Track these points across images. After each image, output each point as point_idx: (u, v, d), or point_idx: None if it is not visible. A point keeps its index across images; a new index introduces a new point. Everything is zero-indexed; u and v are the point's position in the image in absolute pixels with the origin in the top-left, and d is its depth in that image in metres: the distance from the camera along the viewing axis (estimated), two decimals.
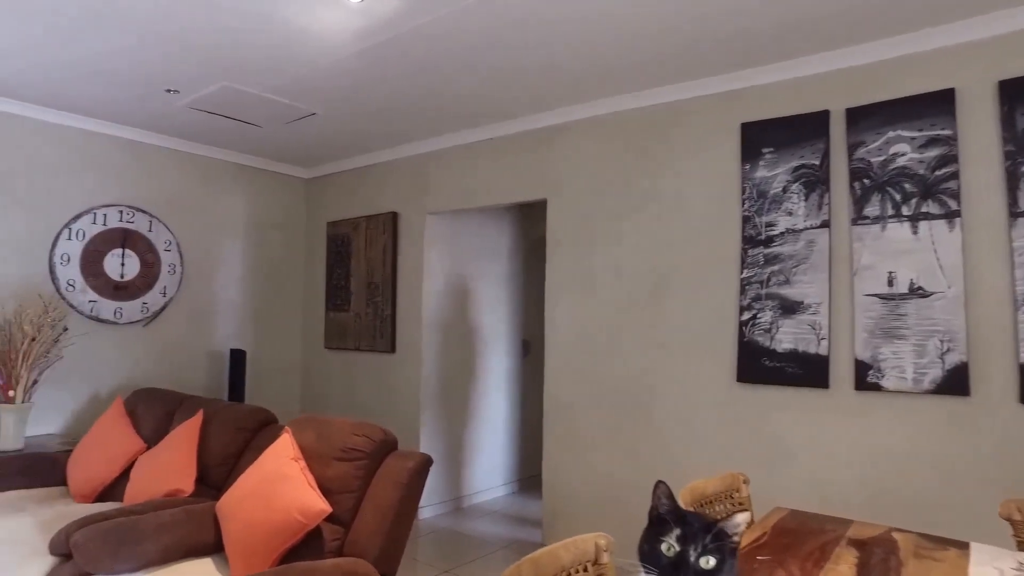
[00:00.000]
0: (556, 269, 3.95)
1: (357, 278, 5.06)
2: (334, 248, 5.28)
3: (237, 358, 4.77)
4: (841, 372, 2.95)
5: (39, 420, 4.06)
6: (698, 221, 3.40)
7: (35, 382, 3.81)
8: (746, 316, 3.21)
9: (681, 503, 1.30)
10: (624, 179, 3.68)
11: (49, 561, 2.36)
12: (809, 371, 3.02)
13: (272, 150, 4.97)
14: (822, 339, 3.00)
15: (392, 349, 4.77)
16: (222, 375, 4.98)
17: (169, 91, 3.70)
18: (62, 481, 3.40)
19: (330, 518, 2.36)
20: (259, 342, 5.25)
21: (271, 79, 3.50)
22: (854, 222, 2.97)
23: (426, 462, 2.47)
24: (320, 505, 2.23)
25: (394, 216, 4.84)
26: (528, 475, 5.47)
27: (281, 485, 2.33)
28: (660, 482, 1.23)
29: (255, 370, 5.18)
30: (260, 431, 3.05)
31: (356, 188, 5.20)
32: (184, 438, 3.00)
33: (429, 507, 4.61)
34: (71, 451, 3.47)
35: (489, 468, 5.14)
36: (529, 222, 5.59)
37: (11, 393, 3.70)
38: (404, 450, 2.55)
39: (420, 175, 4.74)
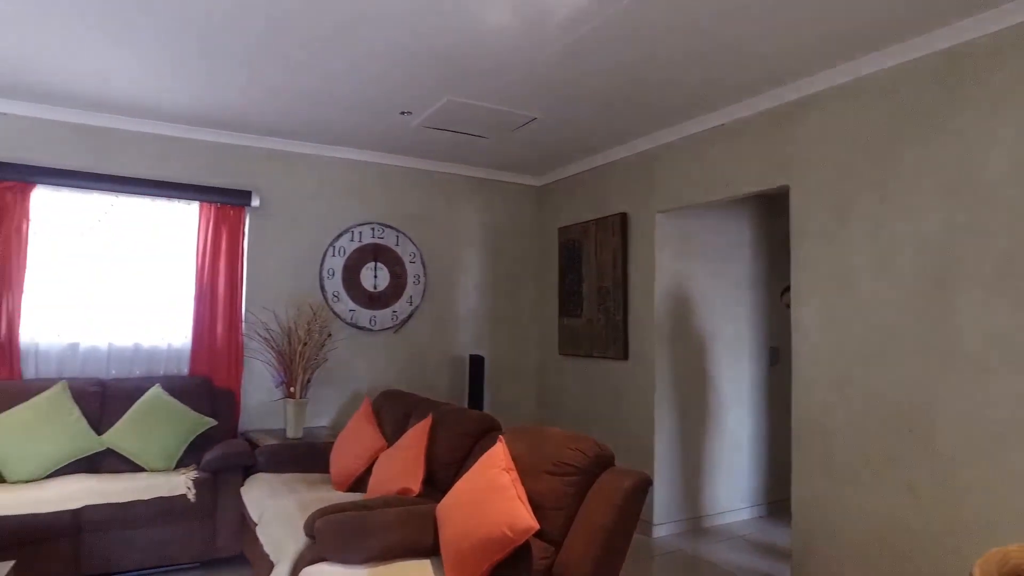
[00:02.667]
0: (803, 265, 3.41)
1: (588, 283, 4.97)
2: (566, 253, 5.26)
3: (476, 363, 4.98)
4: None
5: (314, 414, 4.66)
6: (1002, 197, 2.65)
7: (309, 380, 4.36)
8: None
9: None
10: (889, 152, 3.03)
11: (304, 540, 2.61)
12: None
13: (502, 161, 5.12)
14: None
15: (624, 356, 4.57)
16: (463, 380, 5.24)
17: (403, 113, 3.98)
18: (327, 468, 3.81)
19: (540, 535, 2.26)
20: (497, 348, 5.43)
21: (489, 88, 3.56)
22: None
23: (644, 482, 2.23)
24: (528, 521, 2.13)
25: (623, 217, 4.65)
26: (778, 498, 4.85)
27: (491, 496, 2.28)
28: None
29: (494, 375, 5.37)
30: (484, 437, 3.07)
31: (584, 192, 5.12)
32: (415, 440, 3.14)
33: (664, 525, 4.31)
34: (333, 443, 3.88)
35: (732, 488, 4.66)
36: (772, 215, 4.99)
37: (291, 389, 4.27)
38: (621, 467, 2.34)
39: (647, 172, 4.49)
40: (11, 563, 2.39)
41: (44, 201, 4.00)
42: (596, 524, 2.17)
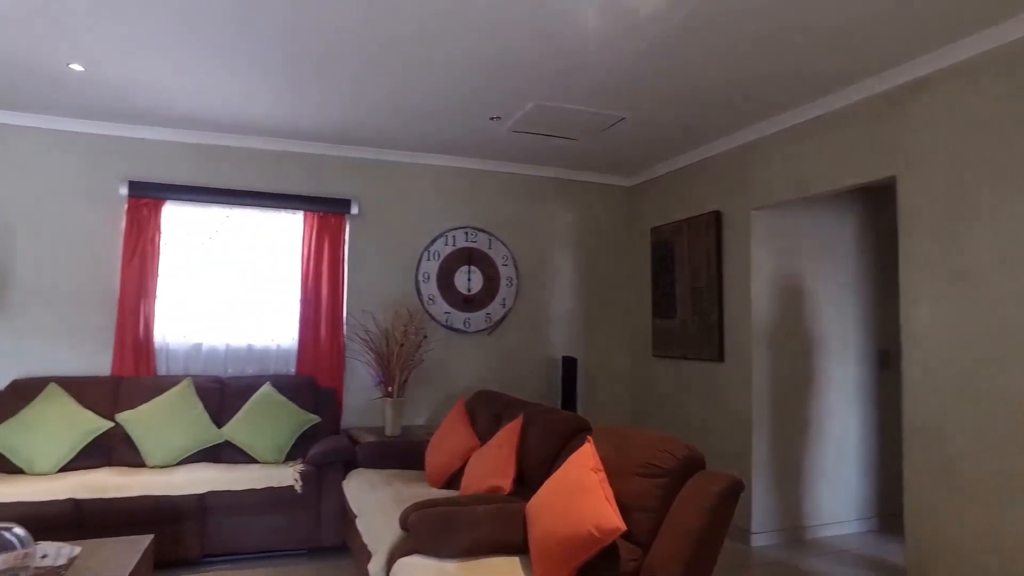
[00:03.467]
0: (913, 261, 3.19)
1: (682, 283, 4.87)
2: (658, 254, 5.17)
3: (569, 365, 5.00)
4: None
5: (411, 413, 4.84)
6: None
7: (406, 380, 4.53)
8: None
9: None
10: (1011, 135, 2.78)
11: (399, 532, 2.72)
12: None
13: (592, 162, 5.11)
14: None
15: (720, 358, 4.44)
16: (556, 381, 5.27)
17: (492, 119, 4.07)
18: (422, 465, 3.95)
19: (628, 537, 2.25)
20: (590, 349, 5.42)
21: (576, 91, 3.58)
22: None
23: (735, 486, 2.17)
24: (615, 522, 2.12)
25: (716, 216, 4.52)
26: (892, 512, 4.54)
27: (579, 496, 2.29)
28: None
29: (586, 377, 5.36)
30: (573, 438, 3.08)
31: (676, 191, 5.02)
32: (506, 439, 3.20)
33: (763, 534, 4.14)
34: (428, 441, 4.01)
35: (837, 498, 4.41)
36: (878, 208, 4.69)
37: (389, 389, 4.46)
38: (711, 471, 2.29)
39: (740, 168, 4.34)
40: (151, 536, 2.65)
41: (171, 215, 4.40)
42: (685, 528, 2.13)
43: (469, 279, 5.04)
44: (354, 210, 4.69)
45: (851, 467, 4.46)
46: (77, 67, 3.36)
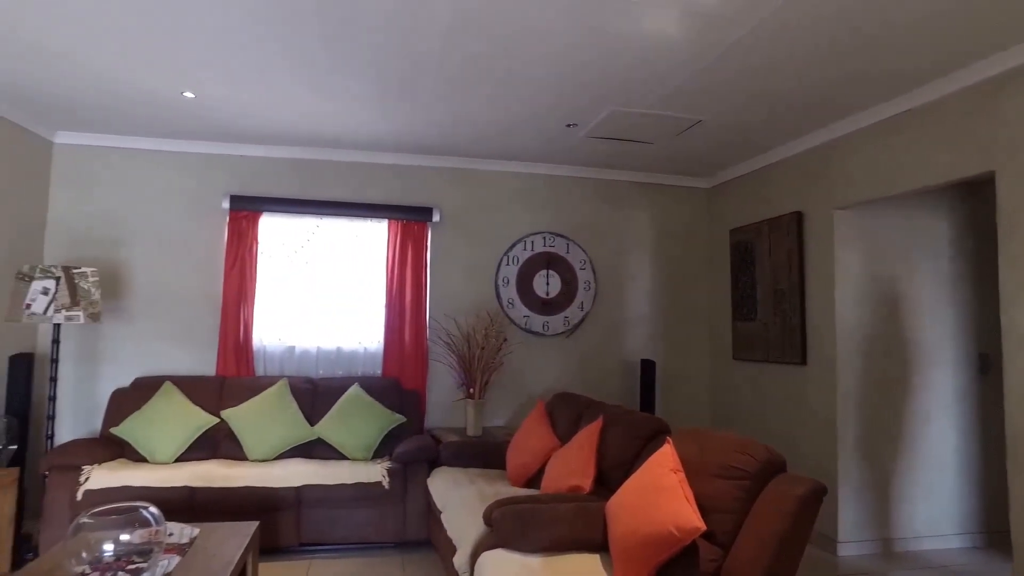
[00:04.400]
0: (1014, 261, 3.04)
1: (762, 285, 4.79)
2: (737, 256, 5.10)
3: (647, 368, 5.00)
4: None
5: (491, 414, 4.97)
6: None
7: (487, 382, 4.66)
8: None
9: None
10: None
11: (483, 527, 2.83)
12: None
13: (669, 164, 5.10)
14: None
15: (803, 360, 4.34)
16: (634, 384, 5.27)
17: (569, 126, 4.15)
18: (503, 465, 4.06)
19: (708, 537, 2.27)
20: (668, 353, 5.39)
21: (651, 96, 3.61)
22: None
23: (818, 490, 2.15)
24: (695, 522, 2.15)
25: (798, 216, 4.42)
26: (998, 528, 4.29)
27: (659, 496, 2.33)
28: None
29: (665, 380, 5.35)
30: (653, 439, 3.11)
31: (755, 191, 4.94)
32: (586, 440, 3.26)
33: (850, 544, 4.01)
34: (509, 442, 4.12)
35: (934, 511, 4.20)
36: (973, 205, 4.45)
37: (471, 391, 4.60)
38: (792, 474, 2.28)
39: (822, 168, 4.23)
40: (256, 523, 2.88)
41: (267, 226, 4.72)
42: (766, 530, 2.13)
43: (547, 283, 5.13)
44: (436, 218, 4.88)
45: (949, 478, 4.24)
46: (189, 95, 3.68)
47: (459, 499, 3.33)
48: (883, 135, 3.77)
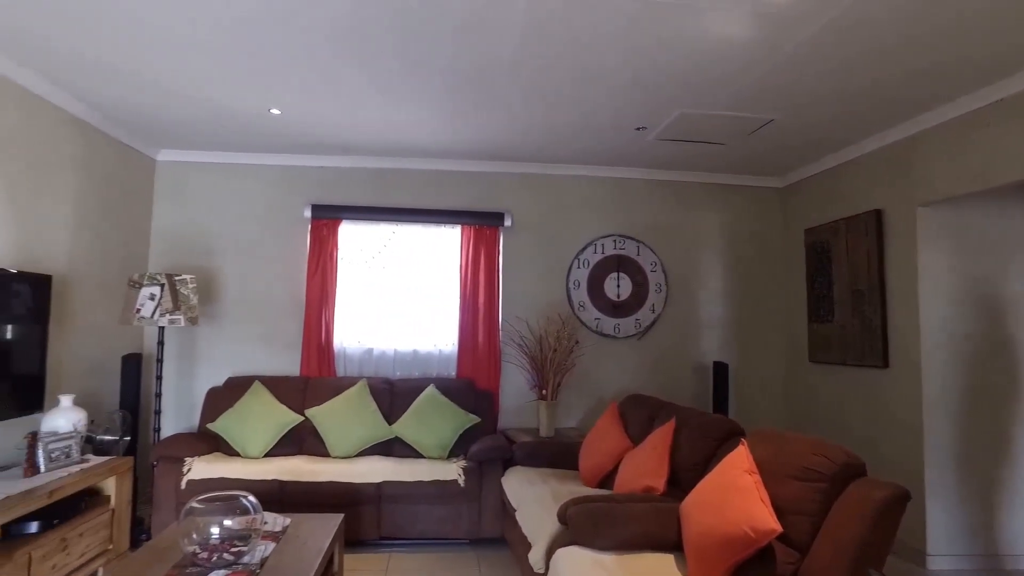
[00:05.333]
0: None
1: (840, 286, 4.66)
2: (813, 256, 4.98)
3: (720, 371, 4.95)
4: None
5: (563, 415, 5.03)
6: None
7: (559, 384, 4.73)
8: None
9: None
10: None
11: (557, 525, 2.90)
12: None
13: (741, 164, 5.03)
14: None
15: (884, 363, 4.20)
16: (706, 387, 5.22)
17: (638, 129, 4.17)
18: (575, 466, 4.12)
19: (784, 540, 2.27)
20: (741, 355, 5.32)
21: (721, 97, 3.60)
22: None
23: (900, 495, 2.12)
24: (771, 524, 2.16)
25: (877, 214, 4.29)
26: None
27: (733, 496, 2.34)
28: None
29: (739, 383, 5.27)
30: (727, 441, 3.10)
31: (831, 190, 4.81)
32: (659, 441, 3.28)
33: (942, 557, 3.85)
34: (581, 443, 4.18)
35: None
36: None
37: (543, 392, 4.68)
38: (873, 478, 2.24)
39: (903, 163, 4.09)
40: (341, 516, 3.05)
41: (346, 233, 4.95)
42: (846, 535, 2.11)
43: (618, 285, 5.16)
44: (507, 222, 4.99)
45: None
46: (275, 111, 3.93)
47: (533, 497, 3.41)
48: (970, 128, 3.62)
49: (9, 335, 3.24)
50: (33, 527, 2.91)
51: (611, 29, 2.84)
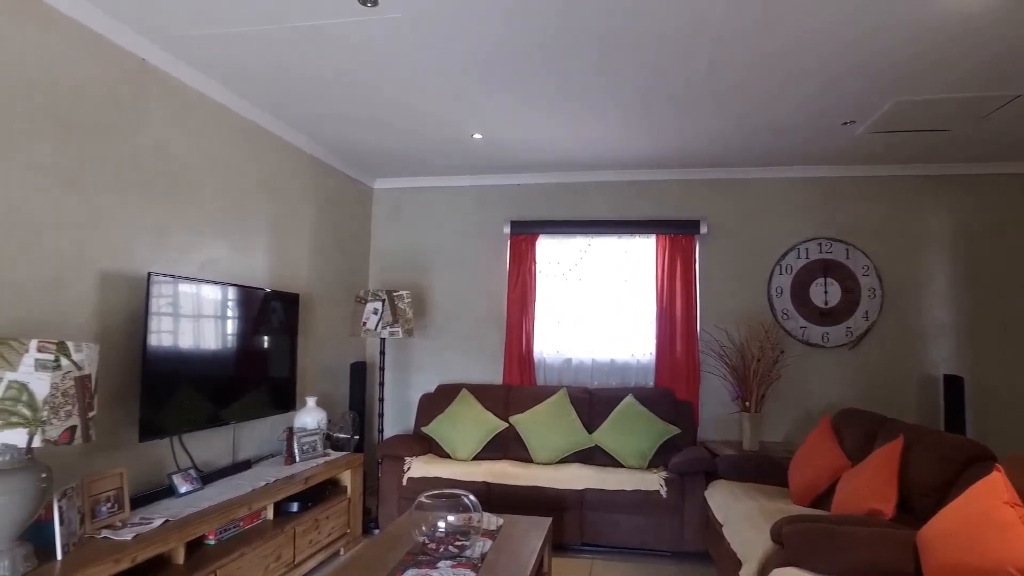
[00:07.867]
0: None
1: None
2: None
3: (952, 384, 4.41)
4: None
5: (767, 428, 4.79)
6: None
7: (763, 396, 4.51)
8: None
9: None
10: None
11: (770, 544, 2.79)
12: None
13: (971, 151, 4.45)
14: None
15: None
16: (935, 402, 4.67)
17: (845, 123, 3.87)
18: (783, 482, 3.89)
19: None
20: (980, 366, 4.68)
21: (945, 80, 3.22)
22: None
23: None
24: None
25: None
26: None
27: (990, 530, 2.09)
28: None
29: (980, 399, 4.64)
30: (971, 466, 2.76)
31: None
32: (884, 461, 3.01)
33: None
34: (790, 458, 3.95)
35: None
36: None
37: (747, 404, 4.50)
38: None
39: None
40: (549, 519, 3.19)
41: (543, 247, 5.16)
42: None
43: (826, 291, 4.80)
44: (703, 229, 4.88)
45: None
46: (478, 136, 4.23)
47: (741, 513, 3.30)
48: None
49: (267, 344, 3.82)
50: (294, 507, 3.42)
51: (819, 25, 2.68)
